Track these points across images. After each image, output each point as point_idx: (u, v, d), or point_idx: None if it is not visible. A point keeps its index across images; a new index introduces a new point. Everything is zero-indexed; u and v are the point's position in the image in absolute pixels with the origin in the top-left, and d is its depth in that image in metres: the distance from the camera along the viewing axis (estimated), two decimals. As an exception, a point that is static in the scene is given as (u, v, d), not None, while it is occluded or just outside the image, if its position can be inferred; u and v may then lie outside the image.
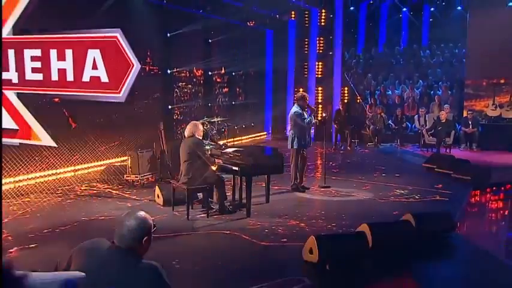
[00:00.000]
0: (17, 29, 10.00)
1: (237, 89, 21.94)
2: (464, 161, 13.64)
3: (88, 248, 3.16)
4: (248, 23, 21.39)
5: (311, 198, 11.16)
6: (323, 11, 22.00)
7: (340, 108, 20.20)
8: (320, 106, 21.96)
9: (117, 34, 9.06)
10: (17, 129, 10.46)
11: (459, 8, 20.77)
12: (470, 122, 17.88)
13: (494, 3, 18.68)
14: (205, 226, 8.77)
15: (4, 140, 10.84)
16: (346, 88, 21.91)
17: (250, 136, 21.32)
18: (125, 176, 12.23)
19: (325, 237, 6.91)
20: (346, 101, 21.64)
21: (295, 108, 11.19)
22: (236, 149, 10.02)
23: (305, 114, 11.13)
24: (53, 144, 10.56)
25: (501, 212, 11.66)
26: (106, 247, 3.11)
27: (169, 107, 17.66)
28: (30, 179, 12.45)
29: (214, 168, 9.39)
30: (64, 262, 3.09)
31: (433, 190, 11.52)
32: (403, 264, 6.97)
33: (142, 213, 3.22)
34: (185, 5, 16.36)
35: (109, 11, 13.34)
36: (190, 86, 19.09)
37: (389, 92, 21.16)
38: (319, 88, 22.26)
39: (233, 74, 21.42)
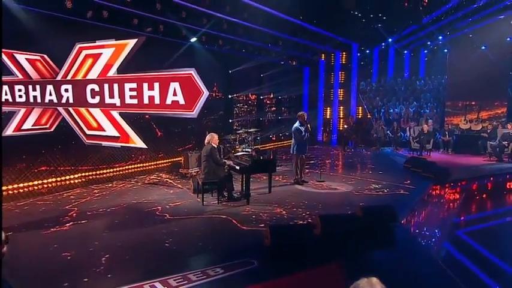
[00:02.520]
0: (119, 70, 10.60)
1: (282, 108, 22.06)
2: (432, 162, 13.11)
3: None
4: (291, 62, 21.47)
5: (304, 190, 10.51)
6: (344, 53, 21.79)
7: (350, 121, 19.91)
8: (341, 120, 21.77)
9: (192, 71, 9.49)
10: (119, 136, 10.99)
11: (445, 50, 19.96)
12: (447, 133, 17.18)
13: (469, 47, 18.02)
14: (211, 211, 8.53)
15: (110, 143, 11.47)
16: (360, 107, 21.54)
17: (291, 141, 21.09)
18: (179, 169, 12.45)
19: (277, 227, 6.50)
20: (360, 116, 21.35)
21: (296, 125, 11.00)
22: (243, 153, 10.07)
23: (302, 129, 10.87)
24: (144, 146, 11.08)
25: (447, 203, 10.79)
26: None
27: (230, 120, 18.02)
28: (120, 170, 13.07)
29: (225, 167, 9.36)
30: None
31: (401, 185, 10.82)
32: (346, 250, 6.17)
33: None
34: (240, 50, 16.60)
35: (185, 57, 13.79)
36: (246, 106, 19.44)
37: (391, 110, 20.60)
38: (341, 107, 22.01)
39: (279, 97, 21.59)
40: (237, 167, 9.40)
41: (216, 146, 9.34)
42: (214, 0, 12.88)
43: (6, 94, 11.35)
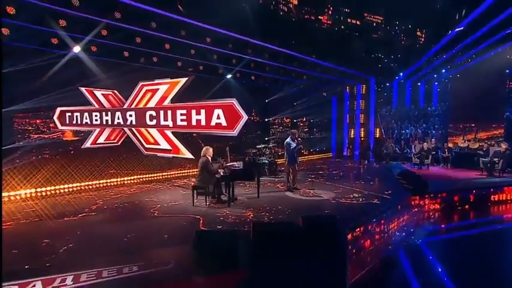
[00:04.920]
0: (173, 100, 10.18)
1: (314, 129, 20.44)
2: (416, 175, 10.65)
3: None
4: (323, 93, 19.88)
5: (289, 197, 8.85)
6: (363, 86, 19.55)
7: (363, 140, 17.75)
8: (362, 139, 19.57)
9: (233, 101, 8.67)
10: (171, 149, 10.47)
11: (447, 80, 17.22)
12: (446, 150, 14.42)
13: (468, 77, 15.14)
14: (195, 211, 7.34)
15: (164, 154, 11.00)
16: (378, 129, 19.18)
17: (321, 155, 19.52)
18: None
19: (205, 232, 5.27)
20: (377, 136, 19.01)
21: (288, 140, 9.62)
22: (232, 163, 8.94)
23: (293, 143, 9.51)
24: (192, 157, 10.47)
25: (412, 213, 8.49)
26: None
27: (266, 138, 16.91)
28: (166, 174, 12.51)
29: (217, 176, 8.22)
30: None
31: (380, 195, 8.80)
32: (274, 257, 4.76)
33: None
34: (274, 84, 15.59)
35: (230, 90, 13.17)
36: (281, 127, 18.20)
37: (403, 131, 18.02)
38: (362, 129, 19.74)
39: (311, 120, 20.02)
40: (222, 175, 8.30)
41: (210, 158, 8.35)
42: (238, 45, 12.02)
43: (86, 118, 11.45)
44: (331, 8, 15.50)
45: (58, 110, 11.37)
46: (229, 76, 13.52)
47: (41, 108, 10.96)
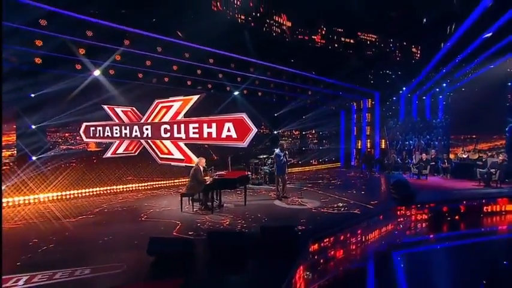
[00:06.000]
0: (186, 115, 10.24)
1: (323, 141, 19.69)
2: (406, 186, 9.77)
3: None
4: (332, 107, 19.17)
5: (275, 205, 8.29)
6: (369, 100, 18.58)
7: (367, 151, 16.75)
8: (368, 150, 18.54)
9: (243, 115, 8.57)
10: (183, 159, 10.47)
11: (448, 93, 15.95)
12: (445, 161, 13.23)
13: (468, 90, 13.91)
14: (180, 216, 7.05)
15: (177, 163, 11.01)
16: (383, 140, 18.08)
17: (330, 165, 18.70)
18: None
19: (159, 239, 4.81)
20: (383, 147, 17.93)
21: (276, 151, 9.24)
22: (220, 173, 8.63)
23: (281, 154, 9.09)
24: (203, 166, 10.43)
25: (387, 224, 7.65)
26: None
27: (274, 149, 16.49)
28: (177, 182, 12.37)
29: (206, 183, 7.89)
30: None
31: (363, 205, 8.02)
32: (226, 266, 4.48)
33: None
34: (281, 99, 15.23)
35: (242, 105, 12.99)
36: (290, 139, 17.69)
37: (407, 142, 16.85)
38: (368, 140, 18.69)
39: (320, 133, 19.32)
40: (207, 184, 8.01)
41: (202, 168, 8.15)
42: (240, 65, 11.88)
43: (107, 131, 11.74)
44: (324, 29, 14.97)
45: (83, 124, 11.78)
46: (236, 93, 13.37)
47: (69, 123, 11.40)
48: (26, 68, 9.35)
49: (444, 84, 14.94)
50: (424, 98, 18.06)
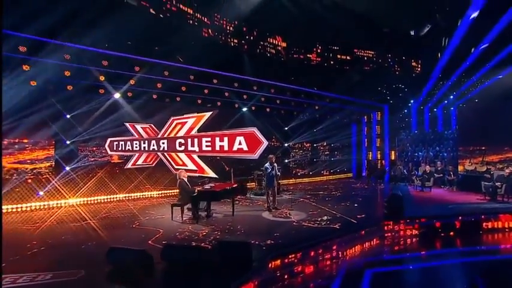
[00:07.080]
0: (199, 131, 10.33)
1: (335, 152, 18.74)
2: (398, 199, 8.67)
3: None
4: (343, 120, 18.28)
5: (261, 217, 7.78)
6: (378, 113, 17.45)
7: (372, 162, 15.54)
8: (379, 161, 17.28)
9: (254, 129, 8.53)
10: (197, 169, 10.51)
11: (456, 104, 14.44)
12: (451, 173, 11.84)
13: (474, 101, 12.47)
14: (167, 225, 6.83)
15: (192, 174, 11.08)
16: (393, 151, 16.78)
17: (341, 176, 17.70)
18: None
19: (117, 249, 4.60)
20: (393, 158, 16.61)
21: (266, 165, 8.86)
22: (209, 185, 8.34)
23: (270, 167, 8.69)
24: (215, 176, 10.38)
25: (363, 242, 6.73)
26: None
27: (286, 160, 16.01)
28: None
29: (194, 194, 7.71)
30: None
31: (348, 219, 7.29)
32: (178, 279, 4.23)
33: None
34: (289, 114, 14.81)
35: (254, 120, 12.83)
36: (301, 151, 17.06)
37: (416, 153, 15.44)
38: (378, 152, 17.50)
39: (331, 144, 18.42)
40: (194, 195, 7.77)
41: (185, 178, 7.98)
42: (243, 83, 11.75)
43: (128, 145, 12.12)
44: (319, 47, 14.31)
45: (108, 139, 12.30)
46: (245, 109, 13.22)
47: (96, 139, 11.97)
48: (63, 94, 10.02)
49: (451, 96, 13.53)
50: (435, 110, 16.56)
